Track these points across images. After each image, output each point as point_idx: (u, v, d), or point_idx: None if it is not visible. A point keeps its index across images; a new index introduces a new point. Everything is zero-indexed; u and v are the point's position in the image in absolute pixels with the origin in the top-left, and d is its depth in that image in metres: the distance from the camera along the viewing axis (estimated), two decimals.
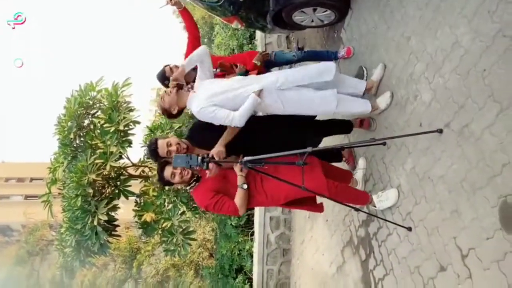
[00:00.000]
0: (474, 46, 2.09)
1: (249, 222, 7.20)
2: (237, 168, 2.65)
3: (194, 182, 2.71)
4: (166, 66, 3.32)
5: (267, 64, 3.62)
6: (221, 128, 2.71)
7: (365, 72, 3.32)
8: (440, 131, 2.31)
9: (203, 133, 2.85)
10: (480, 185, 1.98)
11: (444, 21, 2.37)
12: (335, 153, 3.55)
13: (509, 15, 1.87)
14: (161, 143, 2.69)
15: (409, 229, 2.59)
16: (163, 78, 3.27)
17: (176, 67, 3.11)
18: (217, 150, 2.62)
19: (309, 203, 2.94)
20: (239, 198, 2.63)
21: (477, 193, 2.00)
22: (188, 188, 2.76)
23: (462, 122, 2.14)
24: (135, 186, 5.80)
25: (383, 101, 2.99)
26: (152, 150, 2.71)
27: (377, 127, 3.15)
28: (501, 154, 1.86)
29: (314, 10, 3.72)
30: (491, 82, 1.95)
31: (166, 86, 3.22)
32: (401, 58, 2.84)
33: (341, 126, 3.32)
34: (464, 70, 2.15)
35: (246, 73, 3.30)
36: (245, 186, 2.63)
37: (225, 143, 2.67)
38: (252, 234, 6.90)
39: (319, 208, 3.03)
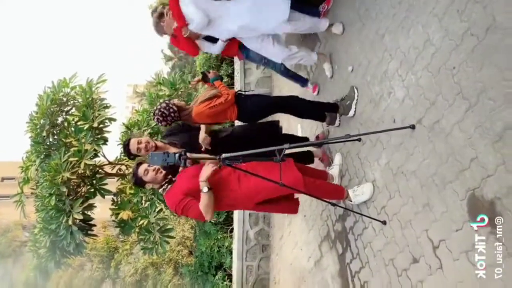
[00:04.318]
0: (444, 44, 2.16)
1: (228, 219, 7.22)
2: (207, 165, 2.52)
3: (167, 184, 2.67)
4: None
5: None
6: (193, 132, 3.14)
7: (356, 93, 3.15)
8: (412, 127, 2.38)
9: (173, 134, 3.03)
10: (450, 179, 2.05)
11: (417, 19, 2.43)
12: (307, 156, 3.66)
13: (476, 14, 1.93)
14: (133, 141, 2.94)
15: (384, 222, 2.66)
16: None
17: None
18: (204, 135, 3.07)
19: (284, 203, 2.94)
20: (202, 204, 2.48)
21: (447, 187, 2.07)
22: (161, 190, 2.71)
23: (433, 118, 2.21)
24: (112, 184, 5.70)
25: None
26: (125, 146, 2.97)
27: (353, 123, 3.21)
28: (469, 149, 1.93)
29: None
30: (460, 79, 2.02)
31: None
32: (376, 55, 2.89)
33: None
34: (435, 68, 2.21)
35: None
36: (205, 190, 2.46)
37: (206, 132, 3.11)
38: (232, 231, 6.92)
39: (293, 209, 2.97)
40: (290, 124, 4.93)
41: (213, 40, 3.40)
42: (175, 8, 3.12)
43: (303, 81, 4.21)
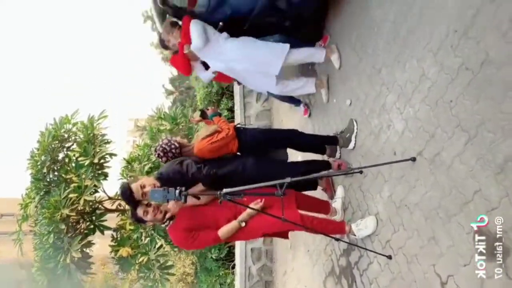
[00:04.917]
0: (440, 78, 2.20)
1: (230, 255, 7.06)
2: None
3: (169, 221, 2.66)
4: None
5: None
6: (190, 179, 2.78)
7: (355, 126, 3.19)
8: (413, 159, 2.38)
9: (172, 181, 2.82)
10: (454, 212, 2.03)
11: (412, 54, 2.49)
12: (310, 182, 3.57)
13: (470, 49, 1.98)
14: (135, 187, 2.61)
15: (389, 257, 2.60)
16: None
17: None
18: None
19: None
20: (227, 228, 2.60)
21: (452, 220, 2.04)
22: (163, 225, 2.70)
23: (433, 150, 2.21)
24: (112, 219, 5.64)
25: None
26: (128, 196, 2.60)
27: (353, 156, 3.21)
28: (471, 181, 1.92)
29: None
30: (458, 112, 2.04)
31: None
32: (373, 89, 2.94)
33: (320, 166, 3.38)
34: (433, 101, 2.24)
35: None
36: (243, 224, 2.63)
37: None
38: (234, 267, 6.75)
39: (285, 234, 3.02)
40: (290, 153, 4.93)
41: (207, 66, 3.61)
42: (185, 24, 3.38)
43: (295, 102, 4.43)
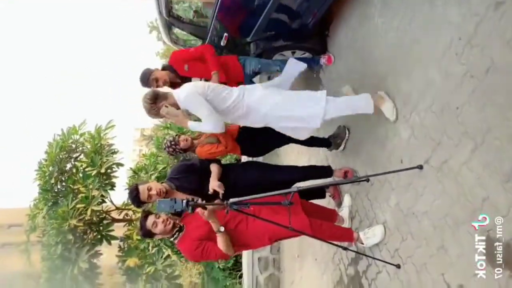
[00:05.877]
0: (445, 85, 2.19)
1: (237, 264, 7.03)
2: (202, 213, 2.42)
3: (178, 233, 2.66)
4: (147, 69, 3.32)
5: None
6: (199, 173, 2.95)
7: (347, 134, 3.32)
8: (420, 167, 2.36)
9: (182, 177, 2.94)
10: (463, 220, 2.01)
11: (416, 62, 2.49)
12: (319, 190, 3.58)
13: (474, 57, 1.98)
14: (142, 188, 2.76)
15: (398, 266, 2.57)
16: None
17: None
18: (216, 183, 2.82)
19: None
20: (221, 243, 2.55)
21: (461, 228, 2.02)
22: (172, 239, 2.70)
23: (440, 158, 2.20)
24: (119, 229, 5.66)
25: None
26: (134, 196, 2.77)
27: (360, 162, 3.21)
28: (480, 189, 1.91)
29: (293, 52, 3.89)
30: (464, 119, 2.03)
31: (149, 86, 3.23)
32: None
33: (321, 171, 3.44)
34: (438, 108, 2.24)
35: None
36: (222, 229, 2.52)
37: (217, 178, 2.90)
38: (241, 276, 6.71)
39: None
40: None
41: None
42: None
43: (311, 62, 3.82)
